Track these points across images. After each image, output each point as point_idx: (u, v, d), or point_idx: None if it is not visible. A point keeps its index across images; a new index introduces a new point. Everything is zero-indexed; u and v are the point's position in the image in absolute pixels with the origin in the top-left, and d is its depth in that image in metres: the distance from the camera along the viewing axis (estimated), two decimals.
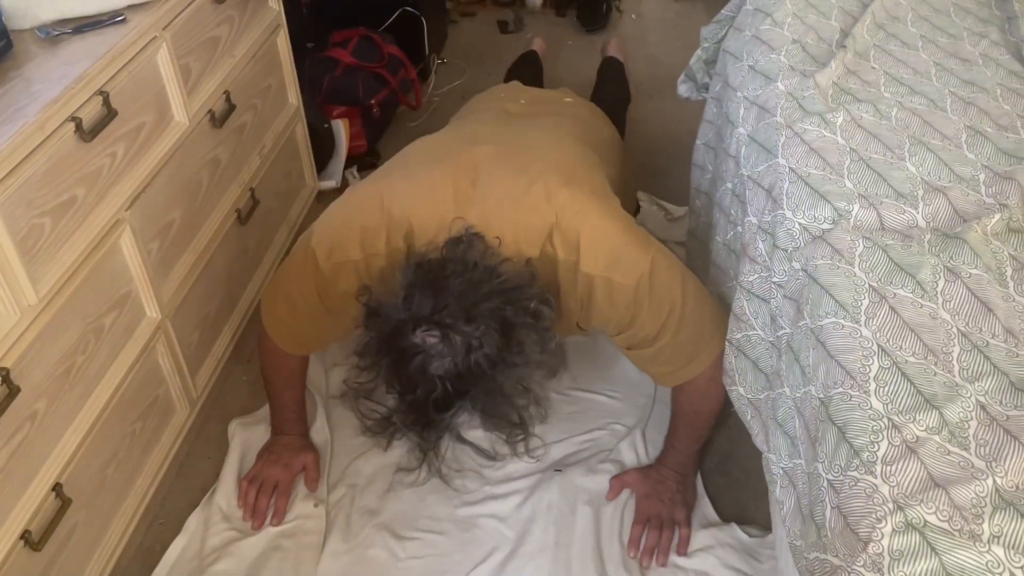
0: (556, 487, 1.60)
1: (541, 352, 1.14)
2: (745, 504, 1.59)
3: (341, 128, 2.42)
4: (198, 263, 1.69)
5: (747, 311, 1.33)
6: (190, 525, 1.57)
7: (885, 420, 0.90)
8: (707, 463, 1.65)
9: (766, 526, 1.53)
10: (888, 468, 0.86)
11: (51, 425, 1.29)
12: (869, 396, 0.93)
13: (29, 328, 1.20)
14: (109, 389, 1.41)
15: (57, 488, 1.29)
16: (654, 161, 2.55)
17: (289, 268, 1.45)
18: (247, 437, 1.72)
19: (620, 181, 1.64)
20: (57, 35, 1.40)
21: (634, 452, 1.67)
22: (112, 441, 1.45)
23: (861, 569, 0.80)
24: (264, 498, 1.59)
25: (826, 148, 1.32)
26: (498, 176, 1.30)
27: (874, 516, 0.83)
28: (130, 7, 1.48)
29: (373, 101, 2.48)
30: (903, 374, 0.95)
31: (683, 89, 2.20)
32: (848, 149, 1.31)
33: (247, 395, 1.85)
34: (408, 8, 2.77)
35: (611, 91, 2.56)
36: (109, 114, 1.35)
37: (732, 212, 1.49)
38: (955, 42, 1.58)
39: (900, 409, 0.91)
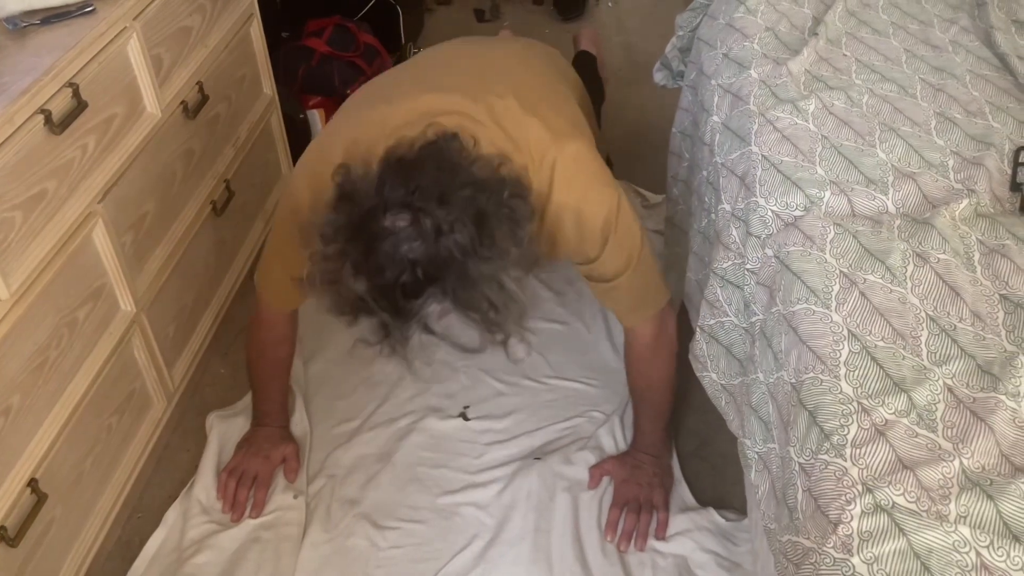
0: (535, 475, 1.61)
1: (515, 246, 1.08)
2: (722, 488, 1.61)
3: (317, 118, 2.40)
4: (173, 255, 1.68)
5: (720, 298, 1.35)
6: (169, 518, 1.56)
7: (855, 404, 0.92)
8: (684, 447, 1.67)
9: (743, 510, 1.54)
10: (857, 451, 0.87)
11: (26, 420, 1.28)
12: (839, 380, 0.95)
13: (1, 322, 1.19)
14: (84, 383, 1.40)
15: (33, 483, 1.28)
16: (632, 148, 2.56)
17: (275, 222, 1.45)
18: (225, 429, 1.72)
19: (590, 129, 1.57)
20: (25, 27, 1.38)
21: (612, 439, 1.68)
22: (88, 435, 1.44)
23: (831, 551, 0.82)
24: (243, 490, 1.59)
25: (798, 135, 1.33)
26: (478, 91, 1.28)
27: (844, 498, 0.84)
28: None
29: (349, 91, 2.46)
30: (872, 358, 0.96)
31: (659, 77, 2.21)
32: (820, 136, 1.33)
33: (225, 387, 1.84)
34: None
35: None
36: (79, 106, 1.34)
37: (707, 200, 1.50)
38: (925, 29, 1.60)
39: (869, 393, 0.93)
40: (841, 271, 1.08)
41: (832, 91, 1.42)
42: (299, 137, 2.33)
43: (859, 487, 0.84)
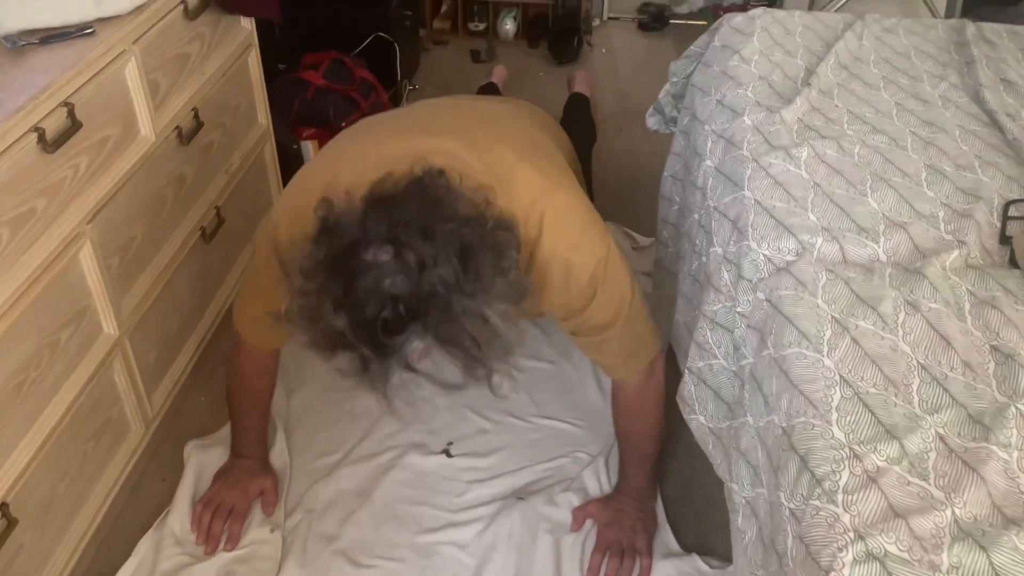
0: (517, 515, 1.59)
1: (501, 280, 1.06)
2: (707, 534, 1.59)
3: (310, 150, 2.41)
4: (159, 280, 1.66)
5: (710, 340, 1.34)
6: (141, 548, 1.52)
7: (847, 450, 0.91)
8: (669, 492, 1.65)
9: (727, 557, 1.52)
10: (849, 497, 0.87)
11: (0, 441, 1.25)
12: (831, 426, 0.94)
13: None
14: (62, 406, 1.38)
15: (3, 508, 1.25)
16: (622, 192, 2.58)
17: (255, 258, 1.42)
18: (203, 459, 1.68)
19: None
20: (23, 45, 1.38)
21: (597, 481, 1.66)
22: (63, 460, 1.41)
23: None
24: (219, 522, 1.55)
25: (791, 182, 1.34)
26: (464, 138, 1.27)
27: (835, 545, 0.83)
28: (99, 20, 1.47)
29: (344, 124, 2.47)
30: (864, 404, 0.96)
31: (652, 122, 2.23)
32: (812, 183, 1.34)
33: (205, 416, 1.81)
34: (381, 34, 2.78)
35: (577, 130, 2.57)
36: (73, 126, 1.33)
37: (698, 242, 1.50)
38: (915, 83, 1.63)
39: (861, 439, 0.92)
40: (833, 316, 1.08)
41: (824, 140, 1.44)
42: (292, 167, 2.31)
43: (851, 534, 0.83)
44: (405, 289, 1.00)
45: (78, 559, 1.46)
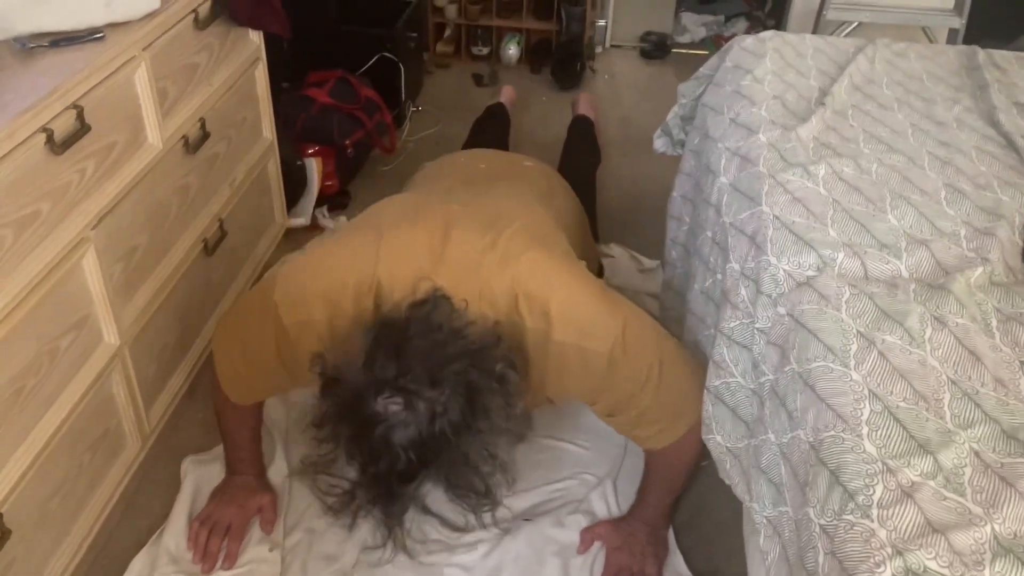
0: (524, 537, 1.55)
1: (507, 418, 1.09)
2: (717, 560, 1.55)
3: (314, 166, 2.39)
4: (161, 291, 1.63)
5: (727, 358, 1.32)
6: (135, 566, 1.48)
7: (879, 464, 0.88)
8: (679, 517, 1.61)
9: None
10: (885, 512, 0.84)
11: None
12: (862, 440, 0.92)
13: None
14: (60, 415, 1.34)
15: None
16: (626, 216, 2.56)
17: (247, 314, 1.38)
18: (200, 476, 1.64)
19: (580, 248, 1.56)
20: (33, 48, 1.36)
21: (605, 503, 1.63)
22: (58, 472, 1.36)
23: None
24: (216, 540, 1.50)
25: (809, 198, 1.33)
26: (466, 234, 1.27)
27: (872, 561, 0.80)
28: (110, 25, 1.45)
29: (348, 141, 2.46)
30: (895, 419, 0.93)
31: (659, 144, 2.22)
32: (831, 200, 1.32)
33: (201, 433, 1.77)
34: (386, 54, 2.78)
35: (581, 152, 2.58)
36: (82, 128, 1.31)
37: (712, 260, 1.48)
38: (929, 106, 1.62)
39: (894, 453, 0.90)
40: (858, 331, 1.06)
41: (841, 158, 1.43)
42: (296, 183, 2.31)
43: (888, 549, 0.80)
44: (416, 439, 1.03)
45: (71, 575, 1.41)
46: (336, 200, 2.47)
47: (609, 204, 2.56)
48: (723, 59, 1.91)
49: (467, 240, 1.25)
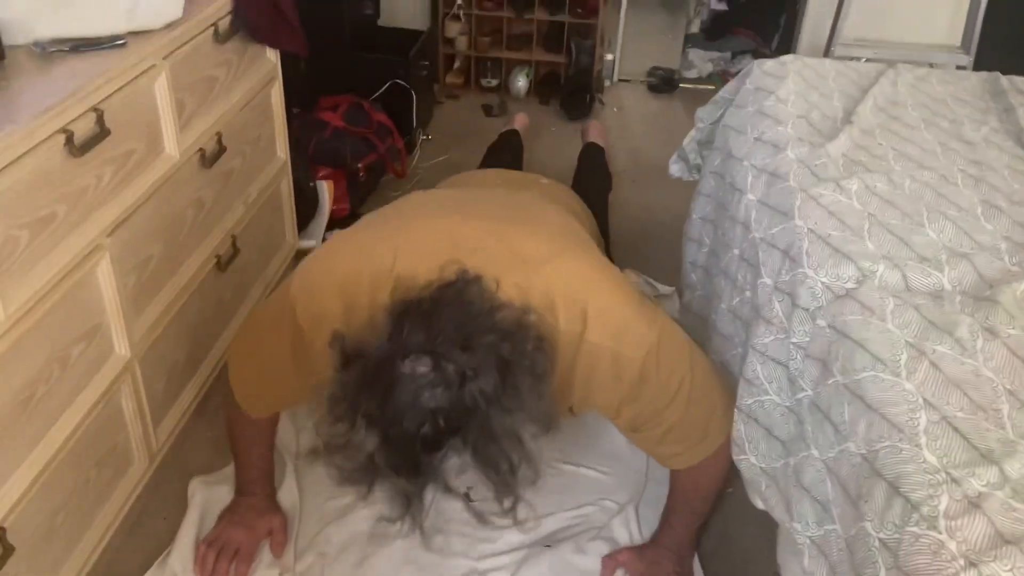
0: (546, 563, 1.49)
1: (537, 400, 1.01)
2: None
3: (325, 189, 2.36)
4: (173, 305, 1.59)
5: (760, 375, 1.28)
6: None
7: (942, 474, 0.84)
8: (704, 545, 1.56)
9: None
10: (953, 523, 0.79)
11: (2, 460, 1.16)
12: (921, 449, 0.87)
13: None
14: (68, 427, 1.29)
15: (0, 532, 1.14)
16: (638, 244, 2.54)
17: (263, 321, 1.33)
18: (208, 497, 1.58)
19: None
20: (53, 52, 1.34)
21: (627, 530, 1.57)
22: (64, 487, 1.31)
23: None
24: (224, 563, 1.44)
25: (843, 212, 1.30)
26: (498, 227, 1.23)
27: (945, 573, 0.75)
28: (131, 33, 1.44)
29: (360, 165, 2.44)
30: (954, 429, 0.89)
31: (675, 169, 2.21)
32: (866, 214, 1.30)
33: (210, 453, 1.71)
34: (399, 81, 2.77)
35: (592, 178, 2.56)
36: (102, 132, 1.28)
37: (740, 277, 1.45)
38: (957, 127, 1.61)
39: (956, 463, 0.85)
40: (907, 341, 1.02)
41: (872, 174, 1.40)
42: (307, 205, 2.28)
43: (960, 561, 0.76)
44: (445, 402, 0.94)
45: None
46: (347, 223, 2.42)
47: (620, 232, 2.53)
48: (743, 82, 1.90)
49: (500, 232, 1.19)
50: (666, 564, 1.47)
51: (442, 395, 0.93)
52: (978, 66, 3.03)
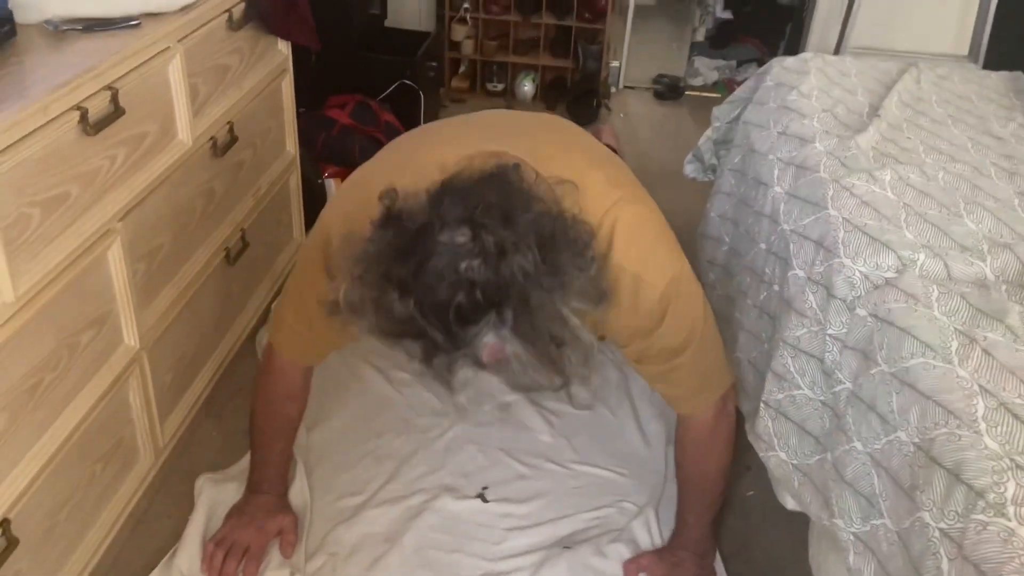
0: (564, 565, 1.44)
1: (580, 277, 0.95)
2: None
3: (333, 187, 2.32)
4: (182, 297, 1.54)
5: (791, 369, 1.24)
6: None
7: (1007, 460, 0.80)
8: (727, 548, 1.51)
9: None
10: (1022, 510, 0.75)
11: (8, 448, 1.11)
12: (981, 436, 0.84)
13: (3, 327, 1.05)
14: (75, 419, 1.24)
15: (4, 524, 1.09)
16: None
17: (299, 270, 1.30)
18: (216, 495, 1.53)
19: None
20: (66, 30, 1.30)
21: (647, 532, 1.52)
22: (70, 481, 1.26)
23: None
24: (232, 563, 1.39)
25: (878, 202, 1.27)
26: (532, 140, 1.18)
27: (1018, 561, 0.71)
28: (145, 15, 1.40)
29: None
30: (1014, 415, 0.85)
31: (690, 170, 2.18)
32: (902, 204, 1.26)
33: (216, 452, 1.66)
34: (406, 81, 2.75)
35: None
36: (116, 112, 1.24)
37: (768, 271, 1.41)
38: (984, 122, 1.59)
39: (1020, 450, 0.82)
40: (956, 328, 0.98)
41: (905, 166, 1.37)
42: (315, 202, 2.24)
43: None
44: (483, 274, 0.88)
45: None
46: None
47: None
48: (762, 80, 1.87)
49: (531, 148, 1.14)
50: (688, 565, 1.43)
51: (480, 266, 0.88)
52: None
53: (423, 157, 1.14)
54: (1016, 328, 0.98)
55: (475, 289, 0.88)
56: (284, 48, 1.96)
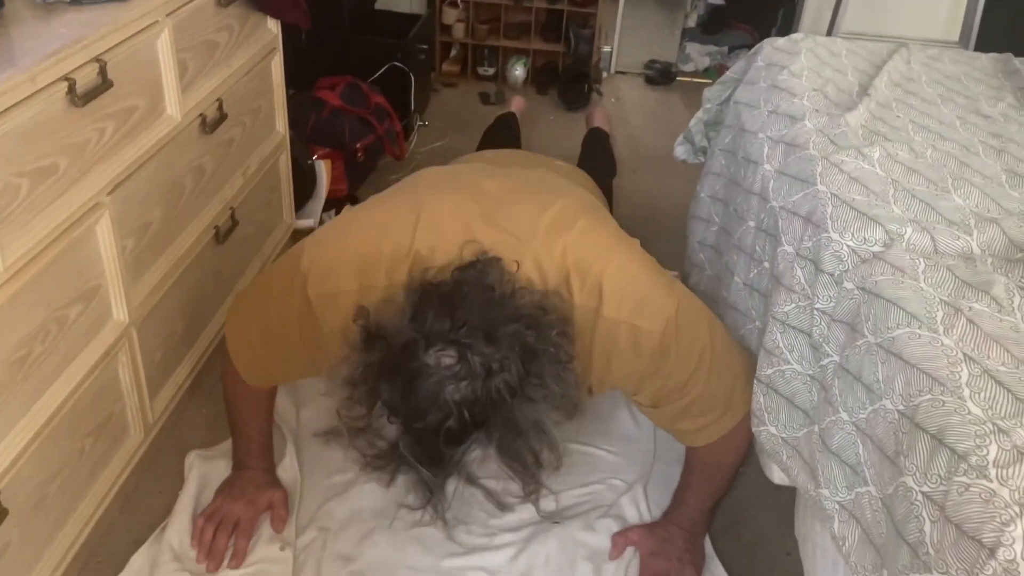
0: (554, 540, 1.45)
1: (562, 387, 1.00)
2: (758, 569, 1.46)
3: (323, 168, 2.32)
4: (171, 273, 1.54)
5: (781, 344, 1.25)
6: (135, 563, 1.36)
7: (989, 424, 0.81)
8: (715, 525, 1.52)
9: None
10: (1004, 472, 0.76)
11: None
12: (965, 402, 0.85)
13: None
14: (64, 391, 1.24)
15: None
16: (639, 229, 2.47)
17: (268, 290, 1.28)
18: (206, 471, 1.53)
19: None
20: (53, 2, 1.29)
21: (636, 509, 1.53)
22: (59, 454, 1.26)
23: None
24: (223, 537, 1.39)
25: (866, 178, 1.28)
26: (515, 199, 1.20)
27: (999, 520, 0.72)
28: None
29: (359, 145, 2.40)
30: (997, 382, 0.86)
31: (680, 151, 2.18)
32: (890, 180, 1.27)
33: (204, 430, 1.66)
34: (397, 64, 2.74)
35: (597, 162, 2.52)
36: (104, 84, 1.24)
37: (757, 249, 1.42)
38: (973, 102, 1.59)
39: (1003, 415, 0.83)
40: (941, 299, 0.99)
41: (893, 143, 1.38)
42: (304, 183, 2.24)
43: (1015, 508, 0.73)
44: (470, 395, 0.93)
45: (65, 570, 1.30)
46: (344, 204, 2.39)
47: (621, 220, 2.46)
48: (753, 60, 1.87)
49: (516, 205, 1.17)
50: (677, 542, 1.44)
51: (467, 388, 0.92)
52: None
53: (405, 216, 1.16)
54: (1001, 299, 0.98)
55: (463, 411, 0.93)
56: (274, 27, 1.95)
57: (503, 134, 2.46)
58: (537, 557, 1.42)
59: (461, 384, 0.92)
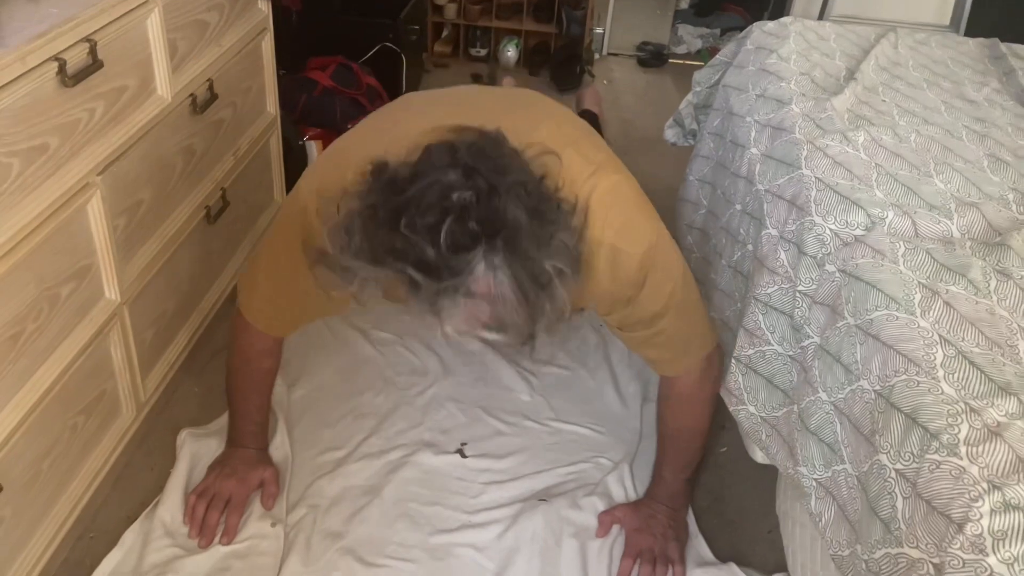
0: (541, 517, 1.47)
1: (564, 236, 0.94)
2: (741, 546, 1.49)
3: (314, 149, 2.32)
4: (163, 253, 1.55)
5: (762, 325, 1.27)
6: (127, 540, 1.38)
7: (961, 404, 0.83)
8: (699, 503, 1.55)
9: (765, 569, 1.43)
10: (974, 450, 0.79)
11: None
12: (939, 382, 0.87)
13: None
14: (56, 369, 1.25)
15: None
16: None
17: (275, 235, 1.28)
18: (198, 449, 1.55)
19: None
20: None
21: (622, 487, 1.56)
22: (51, 431, 1.27)
23: (959, 552, 0.72)
24: (214, 513, 1.41)
25: (850, 162, 1.29)
26: (508, 115, 1.15)
27: (967, 496, 0.75)
28: None
29: (350, 126, 2.39)
30: (971, 363, 0.89)
31: (670, 135, 2.19)
32: (873, 164, 1.29)
33: (196, 408, 1.68)
34: (388, 44, 2.73)
35: None
36: (94, 64, 1.24)
37: (743, 231, 1.44)
38: (958, 87, 1.61)
39: (975, 395, 0.85)
40: (920, 282, 1.01)
41: (878, 127, 1.40)
42: (296, 164, 2.24)
43: (983, 485, 0.75)
44: (474, 203, 0.87)
45: (58, 546, 1.31)
46: None
47: None
48: (742, 44, 1.88)
49: (509, 116, 1.13)
50: (661, 517, 1.46)
51: (471, 197, 0.87)
52: None
53: (402, 128, 1.12)
54: (977, 282, 1.00)
55: (468, 216, 0.87)
56: (264, 6, 1.94)
57: None
58: (524, 534, 1.45)
59: (466, 194, 0.87)
